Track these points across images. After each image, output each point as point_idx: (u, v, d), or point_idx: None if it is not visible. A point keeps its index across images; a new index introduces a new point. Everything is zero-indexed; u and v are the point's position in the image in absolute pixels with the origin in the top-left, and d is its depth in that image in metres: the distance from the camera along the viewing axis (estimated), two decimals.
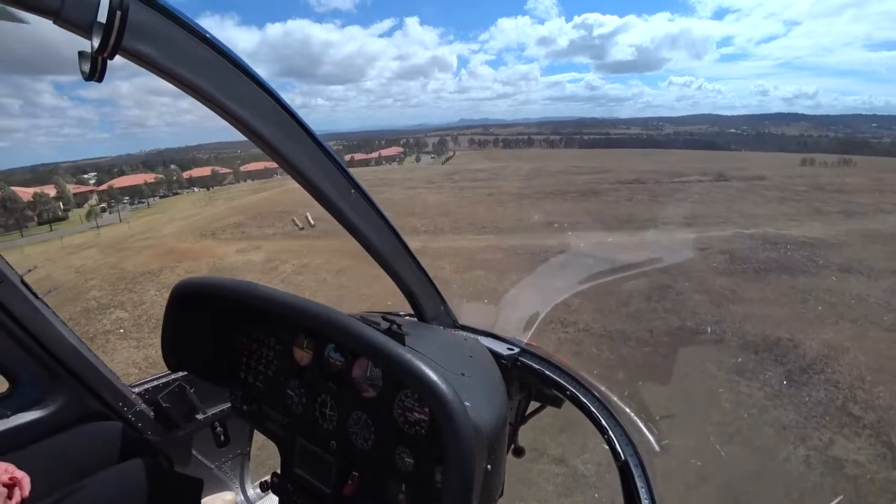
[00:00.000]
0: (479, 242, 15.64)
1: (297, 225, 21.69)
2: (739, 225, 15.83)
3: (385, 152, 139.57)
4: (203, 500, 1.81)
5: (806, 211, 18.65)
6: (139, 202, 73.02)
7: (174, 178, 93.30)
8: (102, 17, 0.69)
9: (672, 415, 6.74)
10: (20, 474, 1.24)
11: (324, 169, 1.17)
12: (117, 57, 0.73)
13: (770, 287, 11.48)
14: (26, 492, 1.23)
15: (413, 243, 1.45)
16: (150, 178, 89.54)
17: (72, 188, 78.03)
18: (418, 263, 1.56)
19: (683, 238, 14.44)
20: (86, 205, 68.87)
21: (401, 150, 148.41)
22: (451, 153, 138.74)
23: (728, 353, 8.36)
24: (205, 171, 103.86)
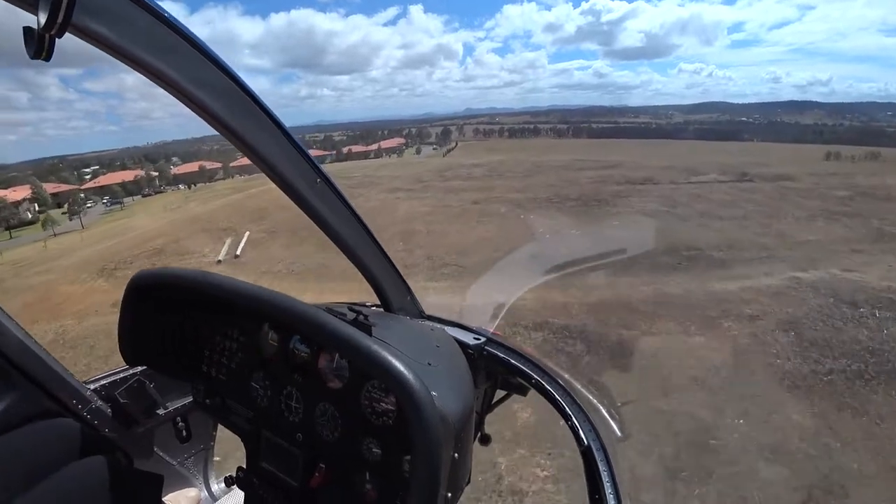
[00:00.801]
0: (426, 294, 11.44)
1: (220, 256, 17.30)
2: (790, 262, 11.70)
3: (386, 144, 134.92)
4: (166, 498, 1.74)
5: (867, 233, 14.38)
6: (114, 203, 68.78)
7: (155, 175, 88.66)
8: None
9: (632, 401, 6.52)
10: None
11: (289, 158, 1.16)
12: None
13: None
14: None
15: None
16: (131, 175, 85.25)
17: (50, 187, 73.85)
18: (384, 253, 1.56)
19: (722, 291, 10.19)
20: (66, 205, 64.76)
21: (402, 141, 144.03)
22: (454, 144, 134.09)
23: None
24: (192, 166, 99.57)
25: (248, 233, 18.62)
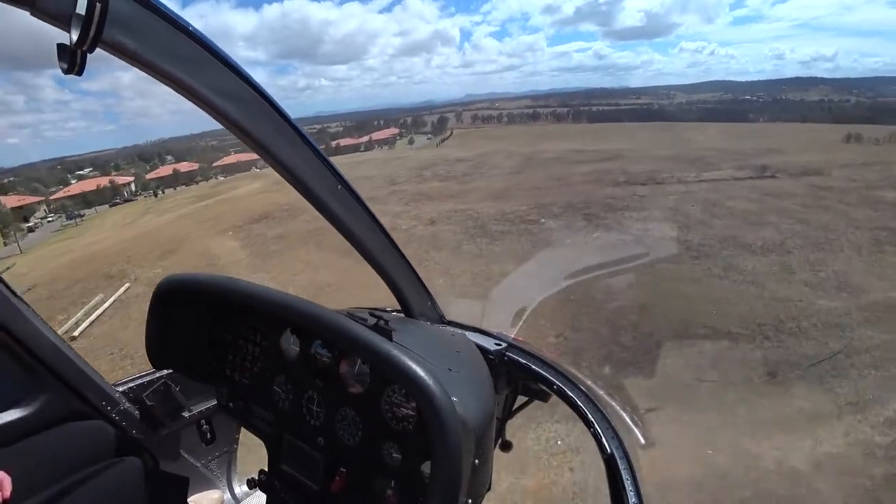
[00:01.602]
0: None
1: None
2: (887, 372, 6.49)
3: (378, 135, 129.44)
4: (190, 499, 1.80)
5: None
6: (70, 218, 62.91)
7: (128, 182, 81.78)
8: (82, 8, 0.67)
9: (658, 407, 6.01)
10: (1, 475, 1.23)
11: (311, 165, 1.18)
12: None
13: None
14: (7, 492, 1.21)
15: None
16: (105, 181, 79.11)
17: (15, 199, 67.79)
18: (405, 259, 1.57)
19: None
20: (32, 218, 60.51)
21: (396, 131, 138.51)
22: (449, 132, 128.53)
23: None
24: (166, 169, 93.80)
25: (126, 286, 14.00)
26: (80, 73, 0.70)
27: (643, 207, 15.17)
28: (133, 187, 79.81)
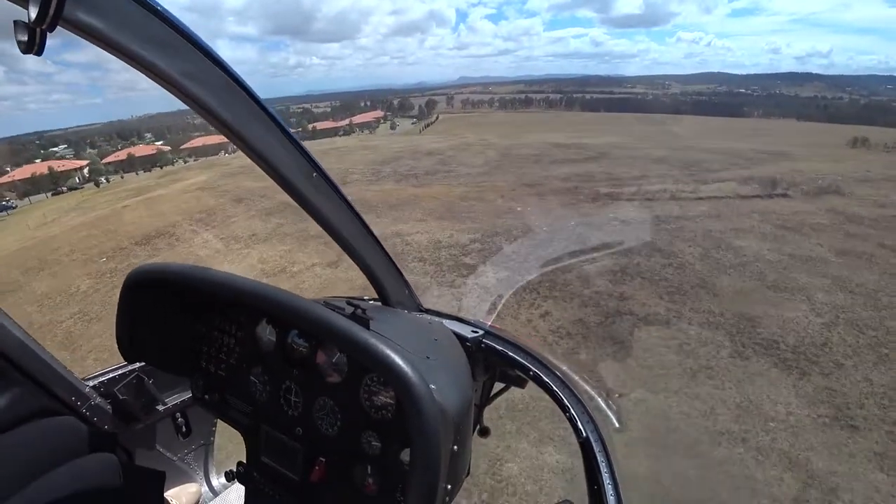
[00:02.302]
0: None
1: None
2: None
3: (359, 118, 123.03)
4: (167, 493, 1.83)
5: None
6: (2, 210, 56.58)
7: (81, 166, 74.71)
8: None
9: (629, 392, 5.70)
10: None
11: (285, 151, 1.14)
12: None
13: None
14: None
15: None
16: (56, 165, 71.70)
17: None
18: (382, 247, 1.54)
19: None
20: None
21: (380, 114, 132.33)
22: (435, 117, 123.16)
23: None
24: (121, 154, 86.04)
25: None
26: (39, 52, 0.65)
27: (622, 241, 11.31)
28: (86, 172, 73.58)
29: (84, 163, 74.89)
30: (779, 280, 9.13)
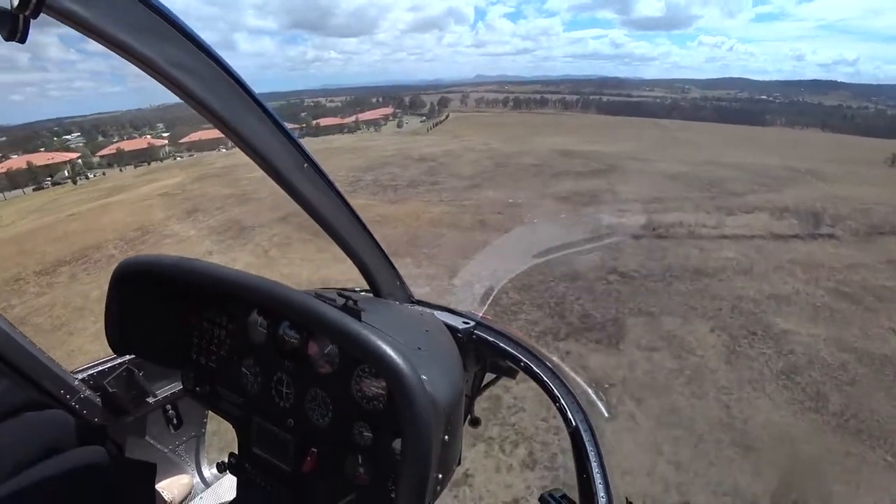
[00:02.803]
0: None
1: None
2: None
3: (366, 115, 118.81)
4: (158, 485, 1.80)
5: None
6: None
7: (70, 160, 70.15)
8: None
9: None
10: None
11: (276, 141, 1.12)
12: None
13: None
14: None
15: None
16: (45, 157, 67.79)
17: None
18: (373, 238, 1.53)
19: None
20: None
21: (389, 111, 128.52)
22: (445, 116, 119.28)
23: None
24: (111, 149, 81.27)
25: None
26: (22, 40, 0.63)
27: (616, 317, 8.03)
28: (73, 168, 69.85)
29: (74, 155, 71.89)
30: (857, 413, 5.74)
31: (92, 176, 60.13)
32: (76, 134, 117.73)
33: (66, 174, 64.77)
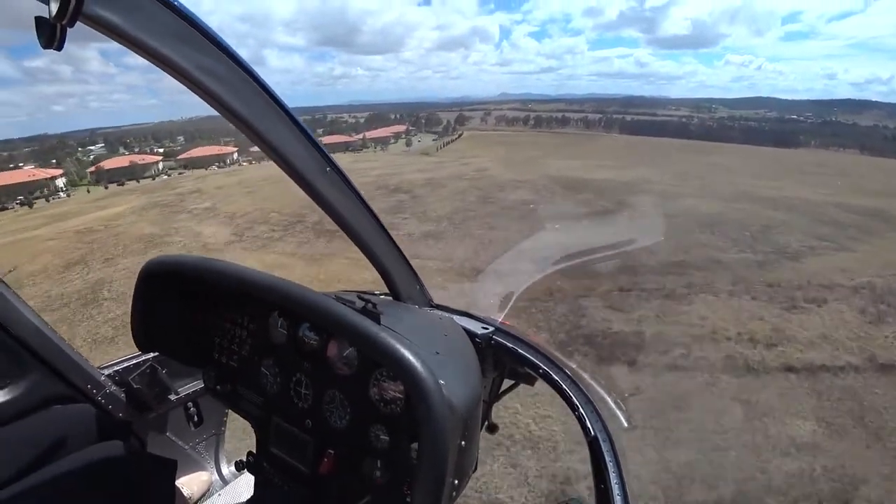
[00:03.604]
0: None
1: None
2: None
3: (376, 133, 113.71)
4: (178, 481, 1.78)
5: None
6: None
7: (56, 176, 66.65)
8: None
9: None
10: None
11: (300, 146, 1.12)
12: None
13: None
14: None
15: None
16: (39, 173, 64.26)
17: None
18: (394, 243, 1.52)
19: None
20: None
21: (402, 128, 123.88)
22: (457, 135, 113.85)
23: None
24: (121, 161, 77.45)
25: None
26: (59, 48, 0.64)
27: None
28: (62, 182, 66.84)
29: (56, 172, 68.75)
30: None
31: (63, 195, 56.18)
32: (100, 145, 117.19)
33: (52, 188, 61.93)
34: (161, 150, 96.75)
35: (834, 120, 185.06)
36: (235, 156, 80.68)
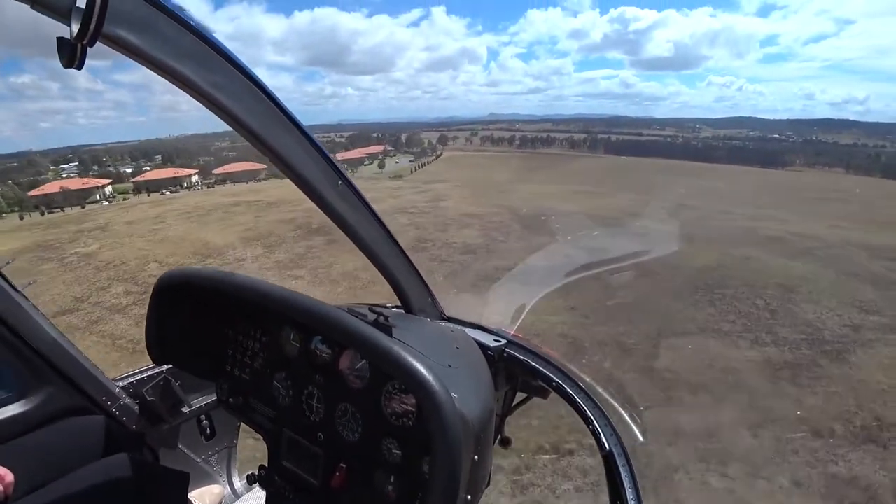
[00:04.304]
0: None
1: None
2: None
3: (348, 155, 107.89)
4: (190, 494, 1.76)
5: None
6: None
7: None
8: (82, 2, 0.63)
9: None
10: (2, 470, 1.18)
11: (311, 160, 1.12)
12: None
13: None
14: (9, 488, 1.17)
15: None
16: None
17: None
18: (406, 255, 1.51)
19: None
20: None
21: (380, 149, 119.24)
22: (438, 154, 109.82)
23: None
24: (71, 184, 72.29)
25: None
26: (79, 67, 0.65)
27: None
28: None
29: None
30: None
31: None
32: (74, 164, 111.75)
33: None
34: (112, 172, 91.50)
35: (815, 139, 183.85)
36: (195, 178, 76.84)
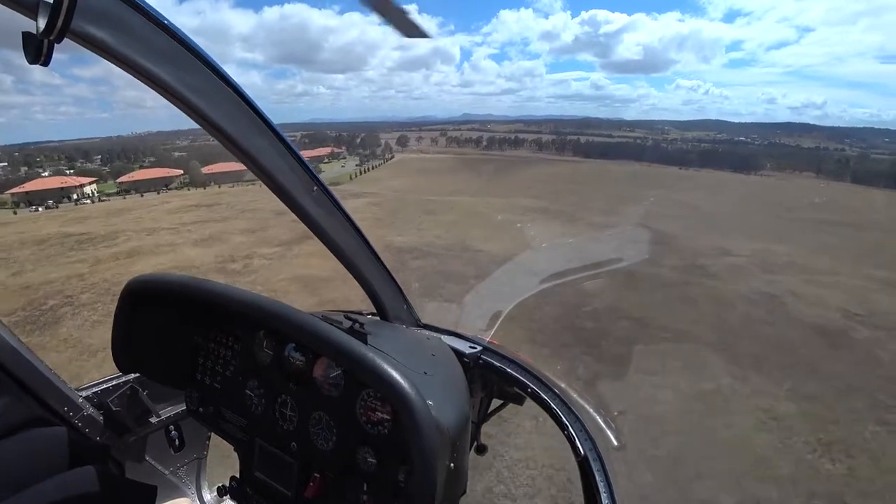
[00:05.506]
0: None
1: None
2: None
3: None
4: None
5: None
6: None
7: None
8: None
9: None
10: None
11: (286, 164, 1.09)
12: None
13: None
14: None
15: None
16: None
17: None
18: (381, 262, 1.49)
19: None
20: None
21: (327, 151, 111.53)
22: (389, 157, 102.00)
23: None
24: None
25: None
26: (46, 63, 0.62)
27: None
28: None
29: None
30: None
31: None
32: (3, 164, 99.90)
33: None
34: (47, 175, 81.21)
35: (779, 142, 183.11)
36: (88, 189, 68.40)
